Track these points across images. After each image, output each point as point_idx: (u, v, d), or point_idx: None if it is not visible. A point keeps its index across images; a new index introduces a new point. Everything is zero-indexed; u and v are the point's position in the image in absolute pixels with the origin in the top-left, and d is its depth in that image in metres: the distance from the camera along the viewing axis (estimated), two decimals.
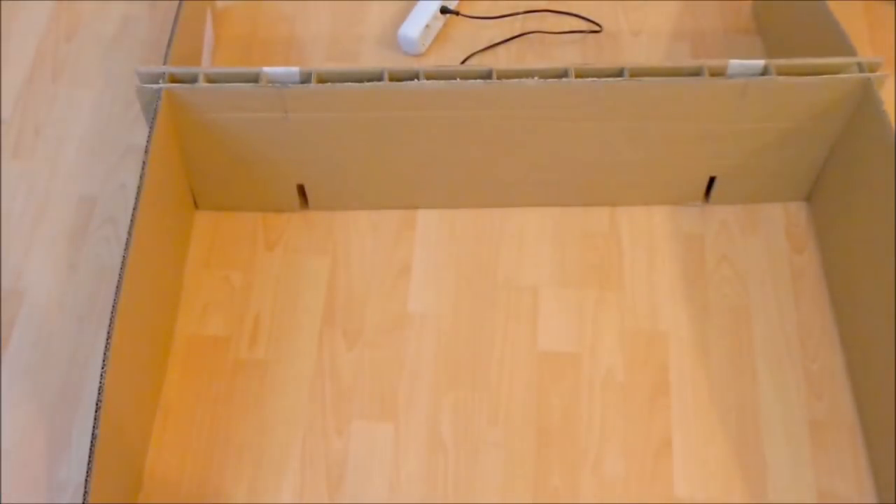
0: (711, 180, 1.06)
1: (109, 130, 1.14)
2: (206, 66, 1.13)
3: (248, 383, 0.96)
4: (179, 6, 1.04)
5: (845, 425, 0.94)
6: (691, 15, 1.24)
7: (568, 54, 1.20)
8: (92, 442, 0.78)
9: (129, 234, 0.87)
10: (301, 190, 1.06)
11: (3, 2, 1.25)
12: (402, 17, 1.20)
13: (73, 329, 0.98)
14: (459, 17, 1.21)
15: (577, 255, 1.05)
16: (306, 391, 0.96)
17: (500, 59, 1.20)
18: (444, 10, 1.18)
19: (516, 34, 1.21)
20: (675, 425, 0.94)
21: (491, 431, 0.94)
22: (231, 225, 1.07)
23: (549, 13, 1.23)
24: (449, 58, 1.19)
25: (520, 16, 1.22)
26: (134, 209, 0.89)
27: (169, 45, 1.00)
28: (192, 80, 0.95)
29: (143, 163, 0.91)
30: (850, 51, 0.98)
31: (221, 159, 1.02)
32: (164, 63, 0.98)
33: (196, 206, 1.08)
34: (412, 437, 0.93)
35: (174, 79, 0.95)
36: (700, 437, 0.93)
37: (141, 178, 0.90)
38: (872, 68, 0.95)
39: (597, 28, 1.20)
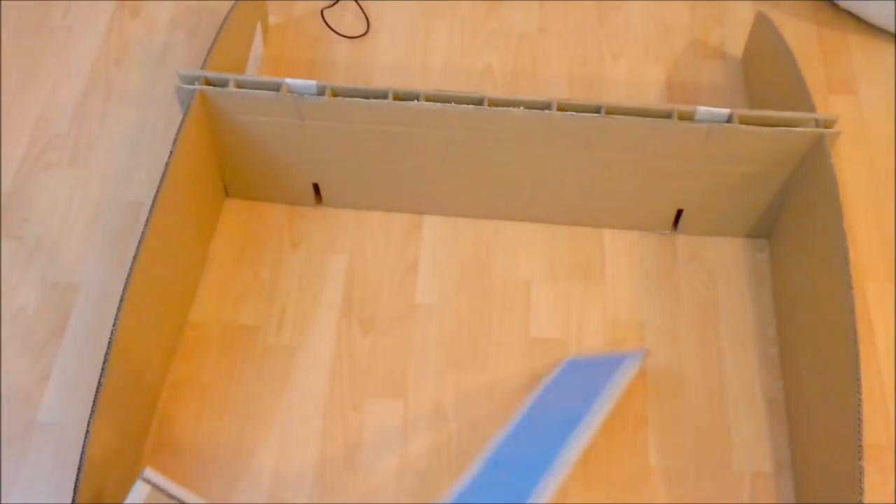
0: (679, 213, 1.07)
1: (152, 144, 1.16)
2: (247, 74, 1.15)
3: (275, 365, 0.99)
4: (225, 18, 1.08)
5: None
6: (666, 44, 1.27)
7: (556, 70, 1.23)
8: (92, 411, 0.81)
9: (151, 210, 0.90)
10: (316, 188, 1.09)
11: (62, 30, 1.28)
12: (410, 46, 1.24)
13: None
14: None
15: (565, 255, 1.08)
16: (326, 372, 0.99)
17: (497, 84, 1.23)
18: None
19: None
20: (650, 403, 0.97)
21: (488, 407, 0.97)
22: (257, 221, 1.09)
23: None
24: None
25: None
26: (158, 189, 0.91)
27: (209, 53, 1.04)
28: (224, 84, 0.99)
29: (171, 151, 0.94)
30: (809, 107, 0.98)
31: (247, 155, 1.05)
32: (203, 68, 1.02)
33: (227, 193, 1.12)
34: (419, 412, 0.96)
35: (208, 82, 1.00)
36: (672, 412, 0.97)
37: (167, 164, 0.93)
38: (828, 125, 0.95)
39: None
